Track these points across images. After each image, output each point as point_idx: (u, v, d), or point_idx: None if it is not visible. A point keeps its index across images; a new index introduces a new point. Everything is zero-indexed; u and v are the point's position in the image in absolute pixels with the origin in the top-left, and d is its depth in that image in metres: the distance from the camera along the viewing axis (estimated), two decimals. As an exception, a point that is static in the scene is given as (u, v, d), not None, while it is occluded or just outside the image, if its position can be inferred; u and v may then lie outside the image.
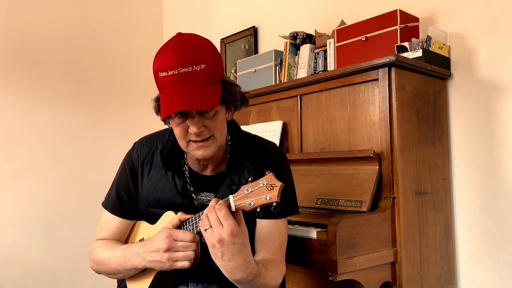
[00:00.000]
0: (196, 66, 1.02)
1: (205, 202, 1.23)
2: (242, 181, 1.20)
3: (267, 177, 0.97)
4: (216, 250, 0.97)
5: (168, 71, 1.02)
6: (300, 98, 1.89)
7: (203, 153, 1.12)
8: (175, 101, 1.03)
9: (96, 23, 3.23)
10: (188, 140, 1.11)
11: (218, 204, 0.98)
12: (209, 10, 3.20)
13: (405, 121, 1.59)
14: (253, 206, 0.97)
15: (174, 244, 1.05)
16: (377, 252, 1.46)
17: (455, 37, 1.84)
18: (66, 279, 2.92)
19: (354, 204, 1.53)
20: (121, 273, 1.20)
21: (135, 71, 3.41)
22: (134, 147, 1.30)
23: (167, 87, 1.04)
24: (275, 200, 0.95)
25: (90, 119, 3.15)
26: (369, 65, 1.59)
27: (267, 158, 1.26)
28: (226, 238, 0.95)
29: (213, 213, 0.97)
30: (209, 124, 1.10)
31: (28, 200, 2.83)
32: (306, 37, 2.19)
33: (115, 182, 1.30)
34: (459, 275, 1.81)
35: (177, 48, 1.03)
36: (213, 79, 1.06)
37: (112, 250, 1.21)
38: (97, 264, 1.25)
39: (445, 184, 1.78)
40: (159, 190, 1.23)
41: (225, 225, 0.96)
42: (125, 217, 1.28)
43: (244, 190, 0.98)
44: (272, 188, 0.95)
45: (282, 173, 1.26)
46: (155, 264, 1.09)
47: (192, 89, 1.03)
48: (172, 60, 1.02)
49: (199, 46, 1.05)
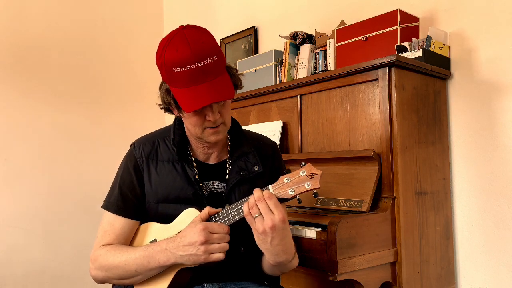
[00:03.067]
0: (209, 59, 1.08)
1: (213, 190, 1.27)
2: (248, 166, 1.28)
3: (306, 167, 1.08)
4: (267, 236, 1.06)
5: (185, 66, 1.07)
6: (300, 98, 1.89)
7: (216, 137, 1.20)
8: (201, 93, 1.08)
9: (96, 23, 3.23)
10: (205, 127, 1.18)
11: (266, 193, 1.07)
12: (209, 10, 3.20)
13: (405, 121, 1.59)
14: (294, 193, 1.08)
15: (211, 236, 1.09)
16: (377, 252, 1.46)
17: (455, 37, 1.84)
18: (66, 279, 2.92)
19: (354, 204, 1.53)
20: (140, 275, 1.17)
21: (135, 71, 3.41)
22: (134, 146, 1.30)
23: (186, 81, 1.09)
24: (316, 187, 1.07)
25: (90, 119, 3.15)
26: (369, 65, 1.59)
27: (265, 145, 1.37)
28: (278, 224, 1.05)
29: (263, 202, 1.06)
30: (223, 111, 1.18)
31: (28, 200, 2.83)
32: (306, 37, 2.19)
33: (116, 183, 1.28)
34: (459, 275, 1.81)
35: (189, 43, 1.07)
36: (222, 68, 1.14)
37: (128, 253, 1.17)
38: (108, 270, 1.19)
39: (445, 184, 1.78)
40: (170, 184, 1.23)
41: (276, 213, 1.05)
42: (130, 217, 1.24)
43: (284, 180, 1.09)
44: (312, 176, 1.07)
45: (279, 158, 1.39)
46: (187, 259, 1.09)
47: (211, 81, 1.09)
48: (188, 55, 1.06)
49: (207, 39, 1.11)
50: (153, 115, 3.39)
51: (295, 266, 1.23)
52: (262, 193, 1.07)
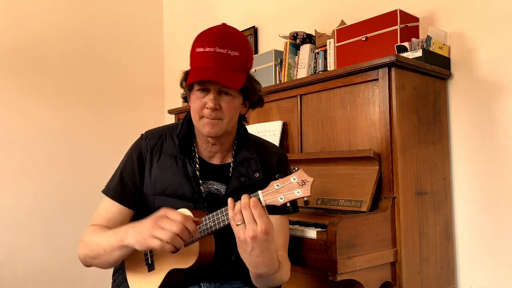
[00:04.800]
0: (230, 51, 1.14)
1: (211, 191, 1.26)
2: (249, 173, 1.27)
3: (298, 173, 1.01)
4: (247, 245, 1.02)
5: (205, 47, 1.14)
6: (300, 98, 1.89)
7: (209, 129, 1.19)
8: (203, 73, 1.13)
9: (96, 23, 3.23)
10: (201, 116, 1.19)
11: (253, 201, 1.02)
12: (209, 10, 3.20)
13: (405, 121, 1.59)
14: (284, 201, 1.01)
15: (162, 220, 1.06)
16: (377, 252, 1.46)
17: (455, 37, 1.84)
18: (66, 279, 2.92)
19: (354, 204, 1.53)
20: (106, 255, 1.17)
21: (135, 71, 3.41)
22: (142, 137, 1.31)
23: (200, 61, 1.15)
24: (307, 195, 1.00)
25: (90, 119, 3.15)
26: (369, 65, 1.59)
27: (271, 153, 1.35)
28: (259, 235, 1.00)
29: (248, 210, 1.01)
30: (224, 106, 1.18)
31: (28, 200, 2.83)
32: (306, 37, 2.19)
33: (119, 169, 1.30)
34: (459, 275, 1.81)
35: (219, 32, 1.17)
36: (241, 68, 1.17)
37: (106, 232, 1.20)
38: (86, 245, 1.22)
39: (445, 184, 1.78)
40: (169, 177, 1.24)
41: (259, 223, 1.00)
42: (125, 205, 1.26)
43: (274, 186, 1.03)
44: (304, 183, 1.00)
45: (286, 168, 1.35)
46: (134, 236, 1.08)
47: (221, 69, 1.13)
48: (211, 39, 1.14)
49: (238, 37, 1.19)
50: (154, 115, 3.39)
51: (284, 281, 1.19)
52: (249, 200, 1.02)
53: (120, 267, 1.32)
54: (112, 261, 1.19)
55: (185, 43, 3.42)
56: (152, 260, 1.21)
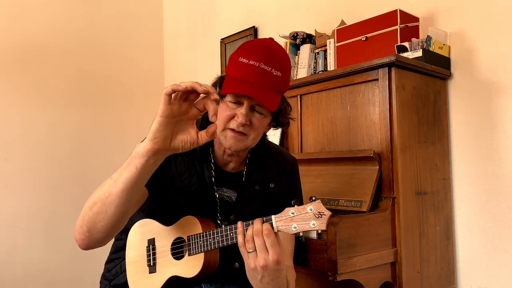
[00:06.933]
0: (274, 70, 1.11)
1: (224, 198, 1.25)
2: (265, 182, 1.26)
3: (315, 204, 0.98)
4: (257, 273, 0.99)
5: (250, 60, 1.10)
6: (300, 98, 1.89)
7: (232, 143, 1.15)
8: (244, 86, 1.09)
9: (95, 23, 3.23)
10: (227, 127, 1.15)
11: (266, 229, 0.98)
12: (209, 10, 3.20)
13: (405, 121, 1.59)
14: (297, 231, 0.98)
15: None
16: (377, 252, 1.46)
17: (455, 37, 1.84)
18: (66, 279, 2.92)
19: (354, 204, 1.53)
20: (112, 187, 0.98)
21: (135, 71, 3.41)
22: None
23: (241, 72, 1.11)
24: (322, 229, 0.97)
25: (90, 119, 3.15)
26: (369, 65, 1.59)
27: (285, 161, 1.35)
28: (271, 265, 0.97)
29: (260, 238, 0.98)
30: (254, 122, 1.15)
31: (28, 200, 2.83)
32: (306, 37, 2.19)
33: None
34: (459, 275, 1.81)
35: (268, 47, 1.13)
36: (279, 89, 1.14)
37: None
38: (84, 207, 1.05)
39: (445, 184, 1.78)
40: (185, 180, 1.21)
41: (271, 253, 0.97)
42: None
43: (289, 213, 0.99)
44: (320, 216, 0.97)
45: (296, 177, 1.36)
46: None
47: (261, 86, 1.10)
48: (259, 53, 1.11)
49: (284, 57, 1.16)
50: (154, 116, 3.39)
51: None
52: (262, 226, 0.98)
53: (117, 256, 1.31)
54: (121, 196, 0.96)
55: (185, 43, 3.43)
56: (155, 263, 1.21)
